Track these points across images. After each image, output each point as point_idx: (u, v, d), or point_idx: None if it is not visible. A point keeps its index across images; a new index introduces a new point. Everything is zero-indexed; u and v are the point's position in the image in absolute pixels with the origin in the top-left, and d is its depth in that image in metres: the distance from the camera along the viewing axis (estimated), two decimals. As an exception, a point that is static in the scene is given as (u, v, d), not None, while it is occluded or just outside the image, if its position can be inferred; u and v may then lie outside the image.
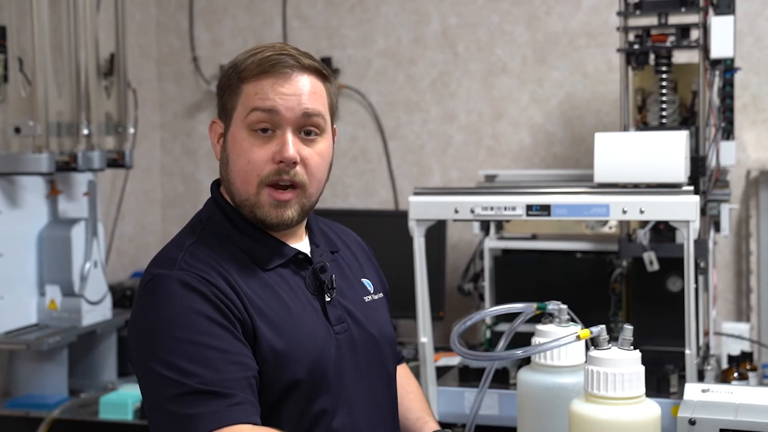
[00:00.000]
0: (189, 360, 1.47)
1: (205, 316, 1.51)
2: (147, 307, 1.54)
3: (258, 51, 1.63)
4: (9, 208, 2.78)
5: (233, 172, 1.62)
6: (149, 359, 1.50)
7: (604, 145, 2.30)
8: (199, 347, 1.48)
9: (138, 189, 3.69)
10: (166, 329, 1.49)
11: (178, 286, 1.52)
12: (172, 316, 1.50)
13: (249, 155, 1.59)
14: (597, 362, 1.57)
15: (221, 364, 1.48)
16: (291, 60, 1.62)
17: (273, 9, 3.66)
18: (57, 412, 2.72)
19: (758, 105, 3.16)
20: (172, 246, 1.65)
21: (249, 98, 1.60)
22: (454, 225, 3.31)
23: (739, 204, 3.11)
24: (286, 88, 1.60)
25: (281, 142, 1.59)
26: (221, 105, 1.67)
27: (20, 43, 2.78)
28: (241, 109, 1.61)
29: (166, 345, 1.49)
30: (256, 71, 1.60)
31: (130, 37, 3.44)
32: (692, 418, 1.76)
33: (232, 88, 1.63)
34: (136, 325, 1.56)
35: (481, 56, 3.44)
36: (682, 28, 2.53)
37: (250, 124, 1.60)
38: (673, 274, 2.57)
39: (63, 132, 2.84)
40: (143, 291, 1.57)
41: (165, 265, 1.57)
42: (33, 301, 2.88)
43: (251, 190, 1.60)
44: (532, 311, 1.80)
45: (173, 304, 1.51)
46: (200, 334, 1.49)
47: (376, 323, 1.74)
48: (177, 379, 1.46)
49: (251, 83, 1.60)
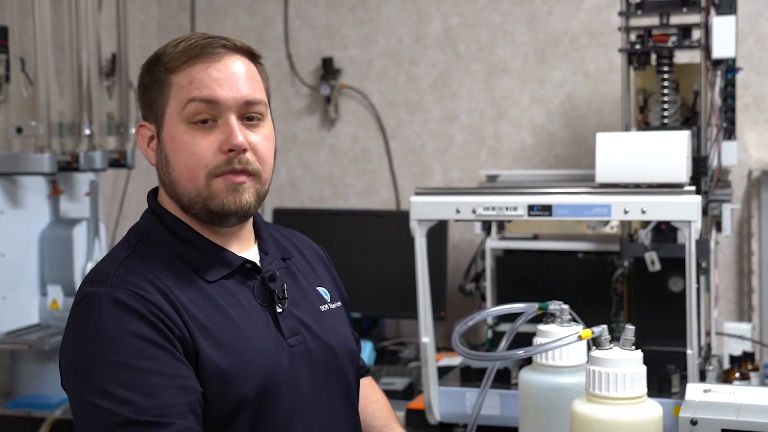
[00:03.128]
0: (124, 386, 1.35)
1: (140, 337, 1.39)
2: (78, 329, 1.43)
3: (180, 40, 1.53)
4: (11, 208, 2.78)
5: (176, 172, 1.50)
6: (81, 388, 1.39)
7: (606, 145, 2.30)
8: (134, 372, 1.36)
9: (140, 189, 3.69)
10: (99, 353, 1.38)
11: (110, 305, 1.40)
12: (105, 338, 1.39)
13: (192, 149, 1.48)
14: (598, 362, 1.57)
15: (159, 389, 1.36)
16: (218, 41, 1.51)
17: (274, 9, 3.66)
18: (59, 412, 2.72)
19: (760, 105, 3.16)
20: (105, 261, 1.53)
21: (182, 89, 1.49)
22: (456, 225, 3.31)
23: (741, 204, 3.11)
24: (220, 71, 1.49)
25: (227, 130, 1.49)
26: (147, 104, 1.55)
27: (22, 43, 2.78)
28: (175, 102, 1.50)
29: (99, 371, 1.37)
30: (185, 58, 1.49)
31: (132, 37, 3.44)
32: (694, 418, 1.76)
33: (159, 83, 1.52)
34: (66, 350, 1.45)
35: (483, 56, 3.44)
36: (683, 28, 2.52)
37: (189, 117, 1.49)
38: (674, 274, 2.56)
39: (65, 132, 2.84)
40: (73, 311, 1.46)
41: (96, 283, 1.45)
42: (35, 301, 2.88)
43: (200, 184, 1.49)
44: (533, 311, 1.80)
45: (106, 325, 1.39)
46: (136, 357, 1.37)
47: (335, 333, 1.64)
48: (110, 409, 1.34)
49: (181, 73, 1.49)
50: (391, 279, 3.23)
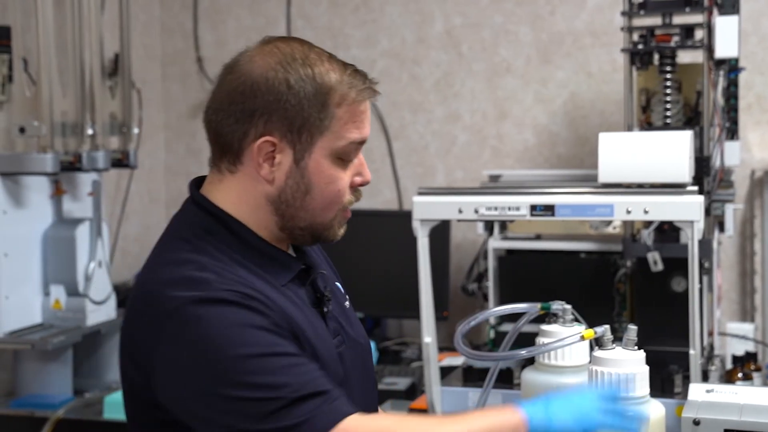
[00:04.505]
0: (270, 373, 1.35)
1: (260, 327, 1.39)
2: (191, 335, 1.38)
3: (325, 64, 1.52)
4: (14, 208, 2.78)
5: (315, 201, 1.50)
6: (218, 388, 1.35)
7: (609, 145, 2.30)
8: (272, 358, 1.37)
9: (142, 189, 3.70)
10: (228, 351, 1.36)
11: (218, 306, 1.38)
12: (228, 335, 1.36)
13: (338, 185, 1.50)
14: (601, 362, 1.57)
15: (301, 366, 1.38)
16: (367, 82, 1.54)
17: (277, 9, 3.66)
18: (61, 411, 2.73)
19: (762, 105, 3.16)
20: (173, 263, 1.47)
21: (345, 127, 1.49)
22: (458, 225, 3.31)
23: (744, 204, 3.10)
24: (368, 113, 1.53)
25: (359, 166, 1.54)
26: (288, 125, 1.48)
27: (25, 43, 2.78)
28: (333, 136, 1.48)
29: (235, 368, 1.35)
30: (351, 97, 1.49)
31: (135, 37, 3.44)
32: (696, 418, 1.76)
33: (317, 110, 1.48)
34: (176, 359, 1.39)
35: (485, 56, 3.44)
36: (686, 28, 2.52)
37: (343, 154, 1.50)
38: (677, 274, 2.56)
39: (67, 132, 2.84)
40: (175, 320, 1.39)
41: (186, 287, 1.41)
42: (37, 301, 2.88)
43: (331, 216, 1.53)
44: (536, 311, 1.80)
45: (223, 323, 1.37)
46: (267, 346, 1.38)
47: (359, 329, 1.66)
48: (267, 396, 1.34)
49: (345, 109, 1.49)
50: (393, 279, 3.22)
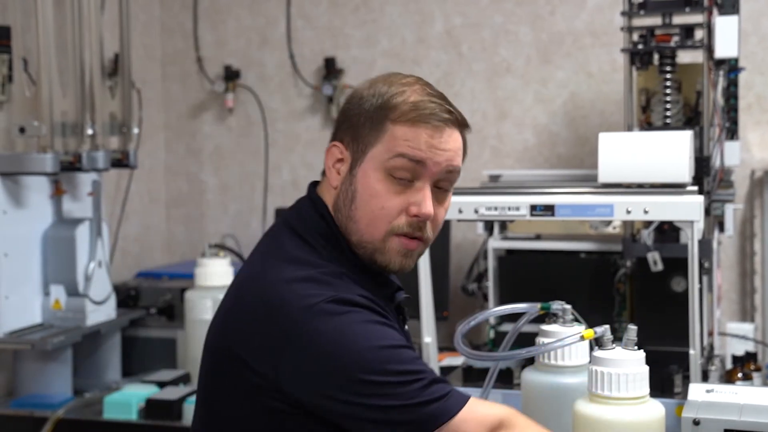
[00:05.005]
0: (407, 362, 1.43)
1: (387, 325, 1.47)
2: (333, 330, 1.42)
3: (406, 88, 1.53)
4: (13, 208, 2.78)
5: (359, 211, 1.53)
6: (363, 375, 1.40)
7: (609, 145, 2.30)
8: (404, 350, 1.45)
9: (142, 189, 3.70)
10: (366, 343, 1.42)
11: (354, 306, 1.45)
12: (365, 330, 1.43)
13: (383, 201, 1.51)
14: (601, 362, 1.57)
15: (420, 358, 1.48)
16: (446, 114, 1.53)
17: (277, 9, 3.66)
18: (61, 411, 2.73)
19: (762, 105, 3.16)
20: (303, 266, 1.50)
21: (396, 142, 1.51)
22: (458, 225, 3.31)
23: (744, 204, 3.10)
24: (438, 142, 1.52)
25: (421, 196, 1.52)
26: (352, 132, 1.54)
27: (25, 43, 2.78)
28: (383, 149, 1.51)
29: (380, 357, 1.42)
30: (411, 117, 1.51)
31: (135, 37, 3.44)
32: (696, 418, 1.76)
33: (374, 122, 1.52)
34: (320, 353, 1.42)
35: (485, 56, 3.44)
36: (686, 28, 2.52)
37: (391, 170, 1.51)
38: (677, 274, 2.56)
39: (67, 132, 2.84)
40: (312, 317, 1.43)
41: (324, 288, 1.46)
42: (37, 301, 2.88)
43: (378, 236, 1.53)
44: (536, 311, 1.79)
45: (357, 319, 1.44)
46: (397, 340, 1.45)
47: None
48: (413, 379, 1.41)
49: (402, 127, 1.51)
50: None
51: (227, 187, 3.78)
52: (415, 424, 1.41)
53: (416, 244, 1.55)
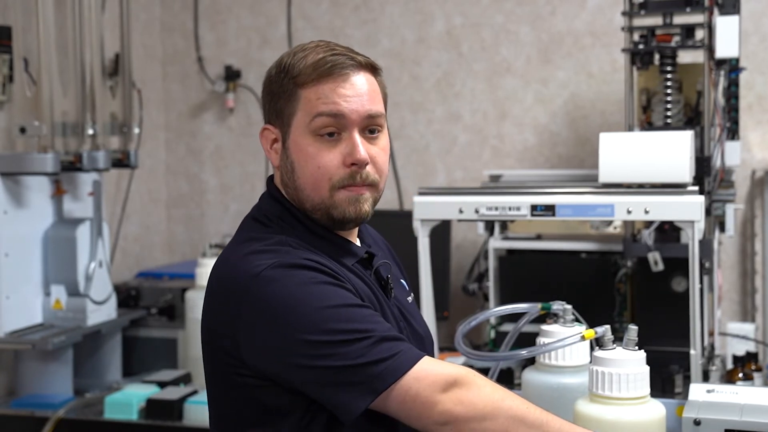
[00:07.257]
0: (354, 321, 1.44)
1: (334, 285, 1.49)
2: (277, 295, 1.46)
3: (307, 52, 1.58)
4: (14, 208, 2.78)
5: (301, 180, 1.58)
6: (308, 335, 1.43)
7: (609, 145, 2.30)
8: (352, 308, 1.47)
9: (143, 189, 3.70)
10: (311, 304, 1.45)
11: (294, 269, 1.48)
12: (308, 292, 1.46)
13: (318, 161, 1.56)
14: (602, 362, 1.57)
15: (377, 317, 1.49)
16: (347, 60, 1.58)
17: (277, 9, 3.66)
18: (62, 411, 2.73)
19: (763, 105, 3.16)
20: (253, 242, 1.56)
21: (310, 103, 1.56)
22: (459, 225, 3.31)
23: (744, 204, 3.10)
24: (347, 89, 1.57)
25: (350, 145, 1.57)
26: (274, 111, 1.61)
27: (25, 43, 2.79)
28: (303, 114, 1.57)
29: (324, 317, 1.44)
30: (314, 75, 1.56)
31: (135, 37, 3.44)
32: (697, 418, 1.76)
33: (287, 94, 1.58)
34: (261, 318, 1.46)
35: (486, 56, 3.44)
36: (687, 28, 2.52)
37: (315, 130, 1.56)
38: (677, 274, 2.56)
39: (68, 132, 2.84)
40: (257, 283, 1.47)
41: (268, 256, 1.50)
42: (38, 301, 2.88)
43: (324, 195, 1.57)
44: (536, 311, 1.80)
45: (302, 280, 1.47)
46: (345, 299, 1.47)
47: (421, 322, 1.72)
48: (358, 337, 1.43)
49: (310, 88, 1.56)
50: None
51: (227, 187, 3.78)
52: (365, 384, 1.42)
53: (363, 190, 1.60)
